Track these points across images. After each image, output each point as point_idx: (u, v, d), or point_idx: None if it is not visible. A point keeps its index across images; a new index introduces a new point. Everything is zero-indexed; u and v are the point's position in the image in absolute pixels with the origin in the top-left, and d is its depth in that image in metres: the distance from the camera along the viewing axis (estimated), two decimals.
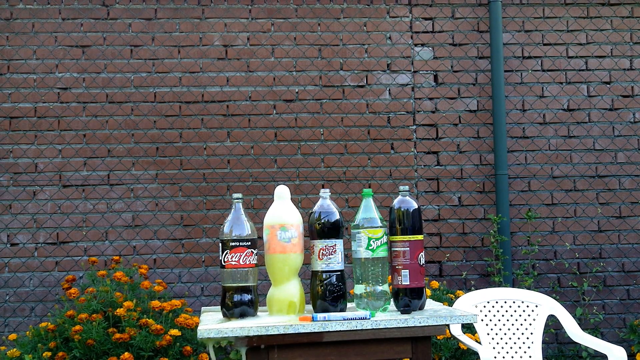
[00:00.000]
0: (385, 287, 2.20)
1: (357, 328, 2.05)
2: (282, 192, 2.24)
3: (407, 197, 2.28)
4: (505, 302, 3.46)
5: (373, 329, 2.05)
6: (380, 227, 2.20)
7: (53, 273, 4.19)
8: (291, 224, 2.20)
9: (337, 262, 2.18)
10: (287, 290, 2.19)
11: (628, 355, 4.19)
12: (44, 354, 3.30)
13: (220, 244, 2.20)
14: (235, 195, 2.25)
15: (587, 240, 4.49)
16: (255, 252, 2.21)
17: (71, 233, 4.22)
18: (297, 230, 2.21)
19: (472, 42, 4.55)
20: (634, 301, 4.48)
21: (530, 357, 3.37)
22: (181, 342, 3.43)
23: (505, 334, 3.40)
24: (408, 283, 2.20)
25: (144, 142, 4.30)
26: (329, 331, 2.04)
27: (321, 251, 2.19)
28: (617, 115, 4.58)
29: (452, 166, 4.47)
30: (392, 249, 2.24)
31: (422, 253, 2.23)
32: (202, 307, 2.63)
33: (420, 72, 4.50)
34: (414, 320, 2.07)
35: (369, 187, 4.37)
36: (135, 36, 4.36)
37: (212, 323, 2.10)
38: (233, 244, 2.18)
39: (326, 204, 2.23)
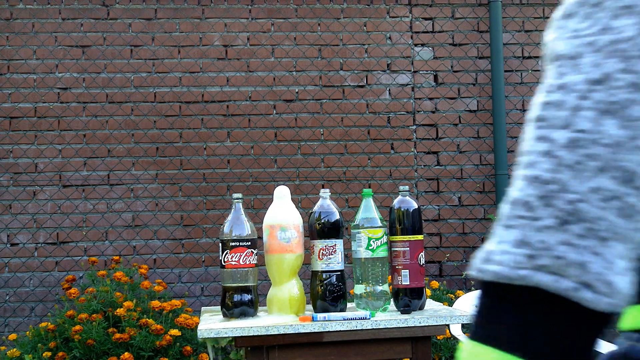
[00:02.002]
0: (385, 287, 2.20)
1: (357, 328, 2.05)
2: (282, 192, 2.24)
3: (407, 197, 2.28)
4: None
5: (373, 329, 2.05)
6: (380, 227, 2.20)
7: (53, 273, 4.19)
8: (291, 224, 2.20)
9: (337, 262, 2.19)
10: (287, 290, 2.19)
11: None
12: (44, 354, 3.30)
13: (220, 244, 2.20)
14: (235, 195, 2.25)
15: None
16: (255, 252, 2.21)
17: (71, 233, 4.22)
18: (297, 230, 2.21)
19: (472, 42, 4.55)
20: None
21: None
22: (181, 342, 3.43)
23: None
24: (408, 283, 2.20)
25: (144, 142, 4.30)
26: (329, 331, 2.04)
27: (321, 251, 2.19)
28: None
29: (452, 166, 4.47)
30: (392, 249, 2.24)
31: (422, 253, 2.23)
32: (202, 307, 2.63)
33: (420, 72, 4.50)
34: (414, 320, 2.07)
35: (369, 187, 4.37)
36: (135, 36, 4.36)
37: (212, 323, 2.09)
38: (233, 244, 2.18)
39: (326, 204, 2.23)
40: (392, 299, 2.24)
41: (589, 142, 0.54)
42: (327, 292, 2.17)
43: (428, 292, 3.75)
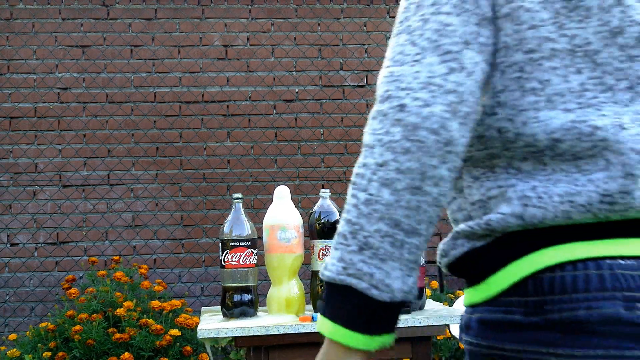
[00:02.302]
0: None
1: None
2: (282, 193, 2.24)
3: None
4: None
5: None
6: None
7: (53, 273, 4.19)
8: (291, 224, 2.20)
9: None
10: (287, 290, 2.19)
11: None
12: (44, 354, 3.30)
13: (220, 244, 2.20)
14: (235, 195, 2.25)
15: None
16: (255, 252, 2.21)
17: (71, 233, 4.22)
18: (296, 231, 2.21)
19: None
20: None
21: None
22: (181, 342, 3.43)
23: None
24: None
25: (144, 142, 4.30)
26: None
27: (321, 251, 2.19)
28: None
29: None
30: None
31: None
32: (202, 307, 2.63)
33: None
34: (414, 320, 2.07)
35: None
36: (135, 36, 4.36)
37: (212, 323, 2.10)
38: (233, 244, 2.18)
39: (326, 204, 2.23)
40: None
41: (374, 202, 0.88)
42: None
43: (428, 292, 3.75)
